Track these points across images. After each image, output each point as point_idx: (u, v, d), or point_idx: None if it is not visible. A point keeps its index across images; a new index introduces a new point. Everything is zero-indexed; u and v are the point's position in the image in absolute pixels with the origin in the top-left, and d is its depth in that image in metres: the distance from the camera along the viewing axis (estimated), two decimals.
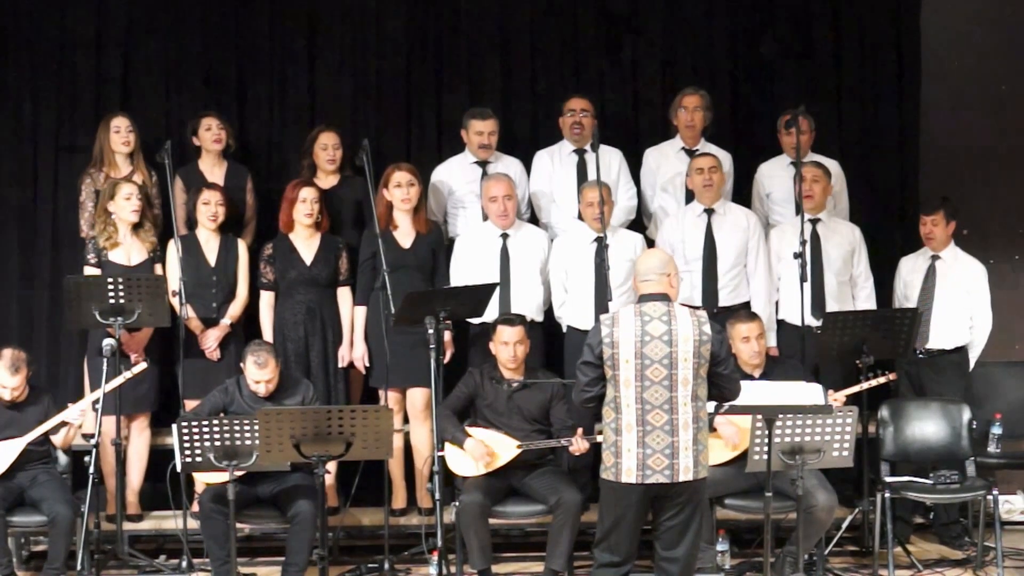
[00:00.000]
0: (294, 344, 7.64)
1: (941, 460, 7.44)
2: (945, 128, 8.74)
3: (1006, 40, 8.78)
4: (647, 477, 5.77)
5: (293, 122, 8.50)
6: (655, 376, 5.75)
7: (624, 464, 5.78)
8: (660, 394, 5.75)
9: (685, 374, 5.76)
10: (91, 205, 7.86)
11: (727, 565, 7.04)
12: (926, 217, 7.82)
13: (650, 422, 5.76)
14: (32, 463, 7.09)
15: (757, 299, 7.77)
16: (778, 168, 8.18)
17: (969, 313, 7.79)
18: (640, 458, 5.76)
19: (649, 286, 5.89)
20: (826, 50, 8.72)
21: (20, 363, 7.07)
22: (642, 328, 5.77)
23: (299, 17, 8.57)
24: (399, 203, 7.65)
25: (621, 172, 8.15)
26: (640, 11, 8.67)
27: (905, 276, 7.92)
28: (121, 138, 7.90)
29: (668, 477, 5.76)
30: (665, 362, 5.75)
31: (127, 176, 7.85)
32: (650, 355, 5.75)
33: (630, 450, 5.78)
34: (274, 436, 6.21)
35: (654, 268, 5.91)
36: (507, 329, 7.10)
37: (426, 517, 7.46)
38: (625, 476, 5.79)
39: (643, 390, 5.76)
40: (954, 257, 7.85)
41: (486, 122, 8.01)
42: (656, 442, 5.76)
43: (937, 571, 7.34)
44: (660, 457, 5.76)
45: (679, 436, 5.76)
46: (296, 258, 7.68)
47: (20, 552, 7.48)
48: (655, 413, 5.76)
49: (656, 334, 5.76)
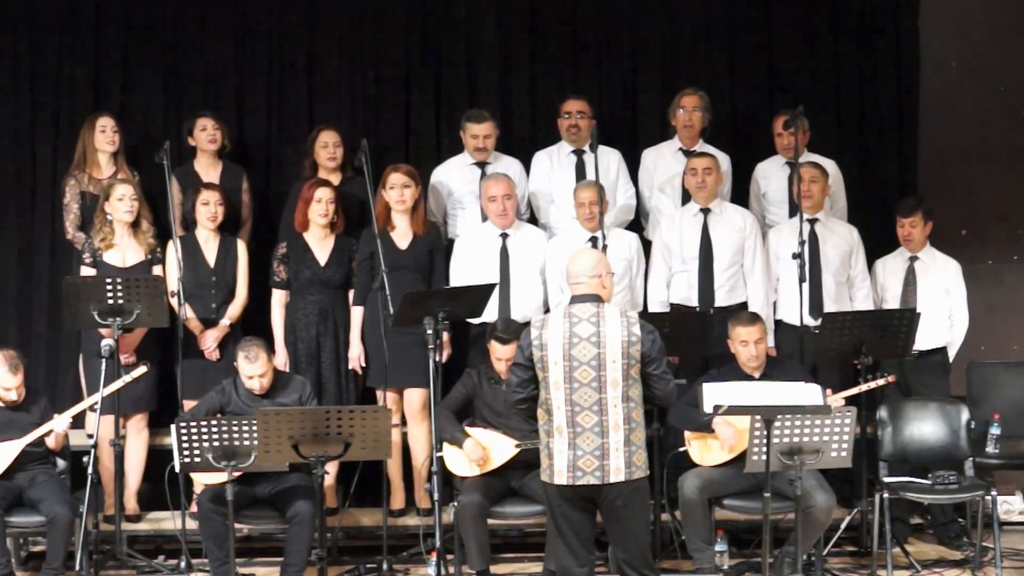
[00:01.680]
0: (305, 344, 7.65)
1: (939, 460, 7.43)
2: (944, 128, 8.74)
3: (1005, 40, 8.79)
4: (578, 479, 5.77)
5: (291, 122, 8.52)
6: (583, 378, 5.75)
7: (556, 466, 5.79)
8: (589, 396, 5.75)
9: (614, 375, 5.75)
10: (76, 207, 7.86)
11: (726, 565, 7.04)
12: (904, 219, 7.82)
13: (580, 424, 5.76)
14: (31, 463, 7.08)
15: (754, 299, 7.77)
16: (774, 168, 8.20)
17: (947, 312, 7.80)
18: (570, 460, 5.76)
19: (580, 288, 5.88)
20: (825, 50, 8.73)
21: (17, 362, 7.08)
22: (570, 330, 5.76)
23: (298, 17, 8.57)
24: (396, 204, 7.65)
25: (620, 172, 8.16)
26: (638, 12, 8.67)
27: (882, 278, 7.91)
28: (107, 138, 7.89)
29: (599, 479, 5.76)
30: (593, 363, 5.74)
31: (110, 177, 7.84)
32: (578, 357, 5.75)
33: (561, 452, 5.78)
34: (273, 436, 6.21)
35: (585, 270, 5.90)
36: (499, 347, 7.09)
37: (425, 517, 7.46)
38: (557, 478, 5.80)
39: (572, 392, 5.76)
40: (931, 257, 7.86)
41: (482, 125, 8.01)
42: (586, 444, 5.76)
43: (935, 571, 7.34)
44: (590, 459, 5.75)
45: (609, 438, 5.75)
46: (310, 258, 7.68)
47: (19, 552, 7.48)
48: (584, 415, 5.76)
49: (584, 335, 5.75)
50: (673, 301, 7.83)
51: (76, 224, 7.86)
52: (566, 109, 8.13)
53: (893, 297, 7.82)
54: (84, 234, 7.76)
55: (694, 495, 6.97)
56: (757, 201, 8.23)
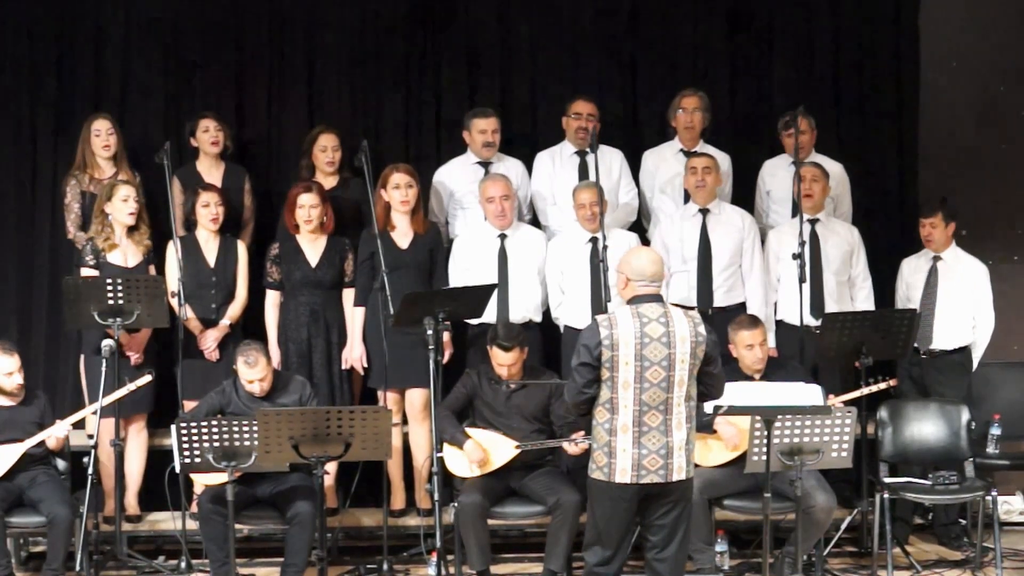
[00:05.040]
0: (297, 346, 7.64)
1: (940, 461, 7.44)
2: (944, 128, 8.74)
3: (1004, 40, 8.77)
4: (642, 477, 5.77)
5: (292, 123, 8.50)
6: (654, 378, 5.74)
7: (619, 464, 5.78)
8: (657, 395, 5.75)
9: (681, 375, 5.76)
10: (77, 207, 7.85)
11: (726, 566, 7.04)
12: (925, 220, 7.83)
13: (646, 423, 5.76)
14: (31, 464, 7.08)
15: (753, 299, 7.77)
16: (780, 167, 8.20)
17: (972, 313, 7.80)
18: (635, 458, 5.77)
19: (648, 288, 5.87)
20: (825, 51, 8.72)
21: (10, 347, 7.10)
22: (641, 330, 5.76)
23: (298, 17, 8.57)
24: (397, 204, 7.64)
25: (622, 173, 8.15)
26: (639, 11, 8.67)
27: (907, 278, 7.93)
28: (101, 141, 7.86)
29: (663, 477, 5.77)
30: (664, 364, 5.74)
31: (112, 177, 7.83)
32: (650, 357, 5.74)
33: (625, 450, 5.77)
34: (273, 437, 6.22)
35: (656, 272, 5.89)
36: (501, 354, 7.07)
37: (425, 518, 7.46)
38: (619, 476, 5.79)
39: (641, 392, 5.75)
40: (955, 258, 7.85)
41: (489, 120, 8.01)
42: (652, 443, 5.76)
43: (936, 572, 7.34)
44: (655, 457, 5.76)
45: (673, 436, 5.77)
46: (302, 259, 7.67)
47: (19, 553, 7.48)
48: (651, 414, 5.76)
49: (655, 336, 5.76)
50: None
51: (77, 224, 7.86)
52: (576, 110, 8.10)
53: (916, 297, 7.83)
54: (85, 234, 7.75)
55: (694, 495, 6.94)
56: (761, 199, 8.23)
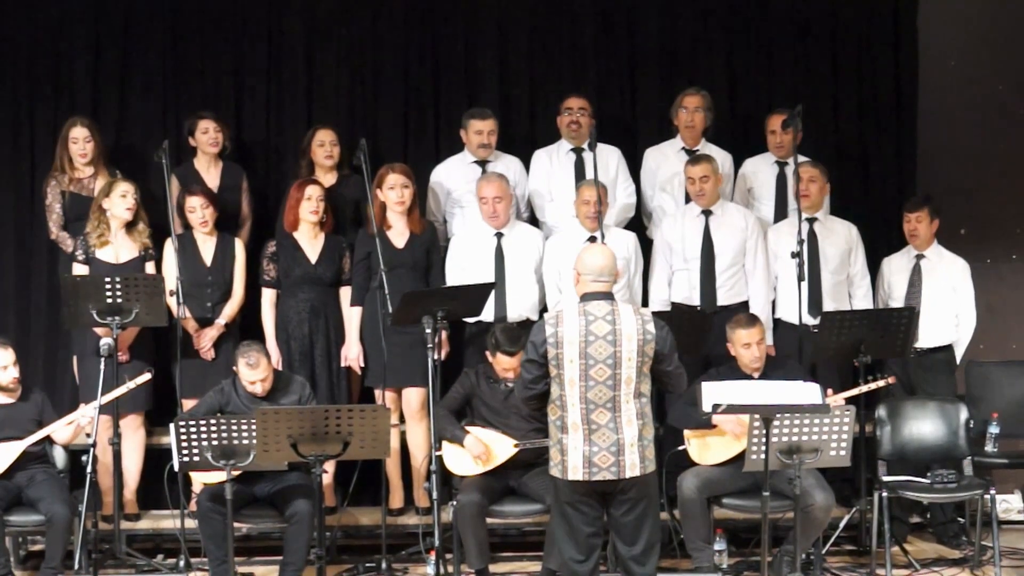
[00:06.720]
0: (298, 343, 7.64)
1: (938, 459, 7.44)
2: (943, 128, 8.74)
3: (1003, 40, 8.78)
4: (594, 475, 5.80)
5: (290, 122, 8.51)
6: (599, 376, 5.77)
7: (570, 462, 5.82)
8: (603, 393, 5.78)
9: (628, 373, 5.78)
10: (58, 207, 7.83)
11: (724, 565, 7.04)
12: (910, 214, 7.83)
13: (595, 420, 5.79)
14: (30, 463, 7.09)
15: (756, 299, 7.77)
16: (763, 165, 8.20)
17: (955, 311, 7.80)
18: (586, 455, 5.79)
19: (597, 285, 5.88)
20: (824, 50, 8.73)
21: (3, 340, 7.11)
22: (586, 328, 5.78)
23: (297, 16, 8.57)
24: (393, 204, 7.65)
25: (620, 170, 8.16)
26: (639, 10, 8.67)
27: (888, 276, 7.92)
28: (78, 149, 7.81)
29: (615, 474, 5.80)
30: (609, 362, 5.76)
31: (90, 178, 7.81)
32: (594, 355, 5.76)
33: (576, 448, 5.81)
34: (271, 435, 6.21)
35: (606, 268, 5.91)
36: (506, 359, 7.07)
37: (423, 517, 7.47)
38: (572, 474, 5.83)
39: (587, 389, 5.78)
40: (938, 255, 7.86)
41: (486, 121, 8.02)
42: (602, 440, 5.79)
43: (934, 570, 7.34)
44: (606, 455, 5.79)
45: (624, 433, 5.80)
46: (301, 256, 7.67)
47: (17, 551, 7.49)
48: (599, 412, 5.79)
49: (600, 334, 5.77)
50: (674, 300, 7.83)
51: (59, 224, 7.85)
52: (567, 106, 8.13)
53: (899, 295, 7.82)
54: (68, 233, 7.76)
55: (693, 494, 6.97)
56: (742, 197, 8.21)
